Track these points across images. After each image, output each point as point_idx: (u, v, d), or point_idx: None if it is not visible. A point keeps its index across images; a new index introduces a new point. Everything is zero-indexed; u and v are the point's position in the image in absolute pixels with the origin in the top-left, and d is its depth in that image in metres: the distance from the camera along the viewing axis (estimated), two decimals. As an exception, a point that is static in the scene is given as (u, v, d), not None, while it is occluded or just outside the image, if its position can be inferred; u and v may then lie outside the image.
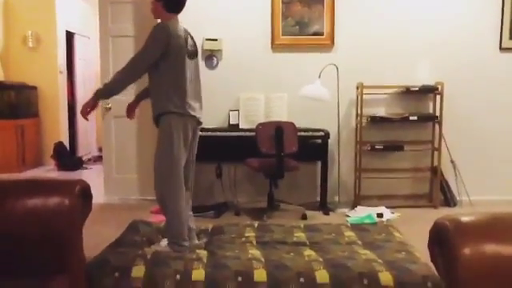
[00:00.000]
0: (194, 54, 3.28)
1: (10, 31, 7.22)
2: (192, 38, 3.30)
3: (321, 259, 2.88)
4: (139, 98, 3.50)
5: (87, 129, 8.47)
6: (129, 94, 5.17)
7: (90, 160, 7.94)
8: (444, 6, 5.04)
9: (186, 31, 3.24)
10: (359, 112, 4.96)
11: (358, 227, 3.70)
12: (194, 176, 3.43)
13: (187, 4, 3.25)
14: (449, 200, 5.04)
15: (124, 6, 5.18)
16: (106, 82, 3.28)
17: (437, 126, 4.99)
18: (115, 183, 5.30)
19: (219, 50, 5.04)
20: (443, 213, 1.96)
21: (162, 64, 3.10)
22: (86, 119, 3.24)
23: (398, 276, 2.67)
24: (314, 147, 4.83)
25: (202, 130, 3.47)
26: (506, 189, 5.11)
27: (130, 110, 3.47)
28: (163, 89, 3.13)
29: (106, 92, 3.19)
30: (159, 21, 3.26)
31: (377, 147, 4.97)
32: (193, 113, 3.18)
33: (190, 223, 3.36)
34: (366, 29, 5.05)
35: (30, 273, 2.09)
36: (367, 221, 4.32)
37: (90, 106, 3.15)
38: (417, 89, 4.92)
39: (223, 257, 2.95)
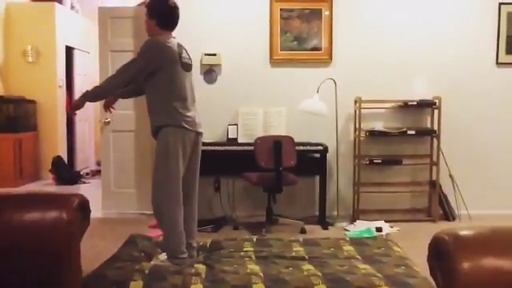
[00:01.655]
0: (188, 67, 3.31)
1: (9, 45, 7.26)
2: (186, 52, 3.32)
3: (320, 274, 2.87)
4: (118, 95, 3.53)
5: (85, 143, 8.48)
6: (128, 109, 5.22)
7: (88, 174, 7.92)
8: (441, 21, 5.09)
9: (179, 45, 3.27)
10: (357, 126, 4.97)
11: (357, 241, 3.69)
12: (197, 189, 3.43)
13: (187, 19, 3.29)
14: (448, 214, 5.03)
15: (124, 21, 5.21)
16: (96, 85, 3.39)
17: (435, 140, 5.00)
18: (113, 197, 5.28)
19: (218, 65, 5.07)
20: (442, 227, 1.96)
21: (157, 78, 3.14)
22: (71, 115, 3.51)
23: (397, 291, 2.65)
24: (312, 161, 4.84)
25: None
26: (505, 203, 5.11)
27: (107, 106, 3.52)
28: (160, 102, 3.17)
29: (92, 95, 3.28)
30: None
31: (375, 161, 4.98)
32: (190, 126, 3.19)
33: (191, 240, 3.34)
34: (363, 44, 5.09)
35: (27, 286, 2.07)
36: (366, 235, 4.30)
37: (77, 106, 3.30)
38: (415, 103, 4.94)
39: (221, 271, 2.94)
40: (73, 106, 3.36)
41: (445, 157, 5.03)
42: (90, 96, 3.27)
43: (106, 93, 3.32)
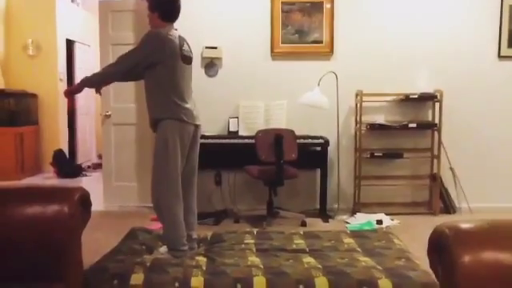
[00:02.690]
0: (189, 60, 3.31)
1: (10, 39, 7.25)
2: (187, 45, 3.32)
3: (320, 266, 2.88)
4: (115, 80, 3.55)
5: (86, 136, 8.49)
6: (128, 102, 5.23)
7: (89, 167, 7.93)
8: (443, 14, 5.07)
9: (181, 38, 3.27)
10: (358, 119, 4.97)
11: (357, 234, 3.70)
12: (196, 181, 3.44)
13: (187, 12, 3.28)
14: (448, 207, 5.04)
15: (124, 14, 5.20)
16: (94, 73, 3.41)
17: (436, 134, 5.00)
18: (114, 191, 5.30)
19: (219, 58, 5.06)
20: (443, 220, 1.96)
21: (157, 70, 3.14)
22: (67, 98, 3.51)
23: (397, 283, 2.66)
24: (313, 154, 4.84)
25: (202, 137, 3.48)
26: (506, 196, 5.11)
27: (98, 89, 3.43)
28: (159, 95, 3.17)
29: (89, 83, 3.32)
30: None
31: (376, 154, 4.97)
32: (188, 118, 3.20)
33: (191, 232, 3.36)
34: (364, 37, 5.07)
35: (28, 279, 2.08)
36: (367, 228, 4.31)
37: (74, 91, 3.40)
38: (416, 96, 4.93)
39: (222, 264, 2.95)
40: (71, 89, 3.38)
41: (446, 150, 5.02)
42: (88, 83, 3.30)
43: (104, 81, 3.38)
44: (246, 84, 5.08)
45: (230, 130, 4.99)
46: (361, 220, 4.62)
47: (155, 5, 3.22)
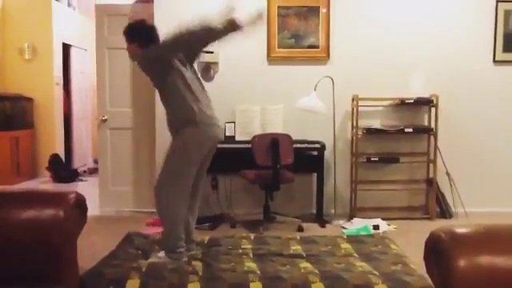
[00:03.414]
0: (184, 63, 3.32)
1: (6, 43, 7.24)
2: None
3: (317, 271, 2.88)
4: None
5: (83, 140, 8.47)
6: (124, 106, 5.24)
7: (85, 172, 7.91)
8: (439, 19, 5.09)
9: None
10: (355, 124, 4.97)
11: (354, 239, 3.70)
12: (202, 186, 3.47)
13: (183, 16, 3.29)
14: (444, 212, 5.04)
15: (121, 18, 5.16)
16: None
17: (432, 138, 5.01)
18: (111, 195, 5.28)
19: (216, 63, 5.06)
20: (439, 225, 1.96)
21: (173, 76, 3.18)
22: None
23: (394, 288, 2.66)
24: (309, 159, 4.84)
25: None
26: (502, 200, 5.12)
27: None
28: (177, 103, 3.20)
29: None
30: None
31: (372, 159, 4.98)
32: (209, 123, 3.23)
33: (191, 234, 3.37)
34: (361, 42, 5.09)
35: (24, 282, 2.07)
36: (363, 233, 4.31)
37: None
38: (412, 101, 4.94)
39: (219, 269, 2.94)
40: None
41: (442, 155, 5.03)
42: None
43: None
44: (243, 88, 5.08)
45: (227, 134, 4.97)
46: (357, 225, 4.62)
47: (133, 35, 3.29)
